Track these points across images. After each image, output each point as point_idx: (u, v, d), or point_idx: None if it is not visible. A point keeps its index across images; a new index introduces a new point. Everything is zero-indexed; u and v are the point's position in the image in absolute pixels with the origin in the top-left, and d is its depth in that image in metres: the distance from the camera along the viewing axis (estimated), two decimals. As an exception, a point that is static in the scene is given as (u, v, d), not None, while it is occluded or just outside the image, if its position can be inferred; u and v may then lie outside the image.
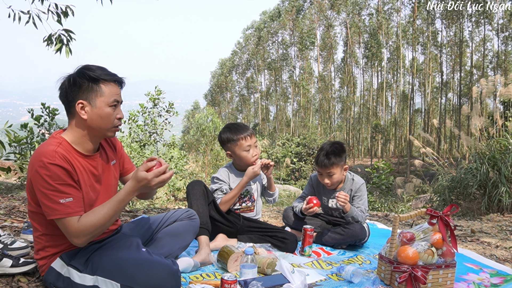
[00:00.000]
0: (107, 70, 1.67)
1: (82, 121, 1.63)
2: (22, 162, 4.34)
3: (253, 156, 2.59)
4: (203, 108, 35.46)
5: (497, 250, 3.01)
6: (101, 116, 1.63)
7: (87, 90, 1.61)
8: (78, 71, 1.63)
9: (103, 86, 1.62)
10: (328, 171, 2.66)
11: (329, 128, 45.09)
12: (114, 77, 1.67)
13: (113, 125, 1.68)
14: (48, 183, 1.50)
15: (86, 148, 1.68)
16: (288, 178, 24.53)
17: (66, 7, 4.83)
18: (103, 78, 1.63)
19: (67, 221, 1.53)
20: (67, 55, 4.88)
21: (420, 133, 23.10)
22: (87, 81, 1.61)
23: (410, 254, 1.91)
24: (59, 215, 1.52)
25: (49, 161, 1.51)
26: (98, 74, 1.62)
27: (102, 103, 1.62)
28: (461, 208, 5.01)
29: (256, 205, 2.79)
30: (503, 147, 5.00)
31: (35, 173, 1.52)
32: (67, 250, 1.67)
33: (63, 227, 1.55)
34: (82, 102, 1.61)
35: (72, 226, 1.53)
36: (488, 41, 38.49)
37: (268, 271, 2.06)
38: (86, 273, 1.59)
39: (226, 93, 56.51)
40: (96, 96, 1.61)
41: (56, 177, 1.51)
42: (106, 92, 1.62)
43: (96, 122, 1.63)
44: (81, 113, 1.61)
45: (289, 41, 49.88)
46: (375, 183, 8.43)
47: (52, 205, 1.51)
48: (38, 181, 1.52)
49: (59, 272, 1.63)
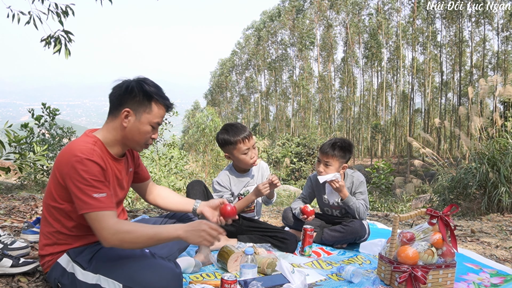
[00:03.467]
0: (162, 91, 1.72)
1: (121, 127, 1.68)
2: (22, 162, 4.34)
3: (251, 158, 2.56)
4: (203, 108, 35.51)
5: (497, 250, 3.01)
6: (139, 131, 1.68)
7: (138, 102, 1.66)
8: (137, 81, 1.68)
9: (154, 105, 1.68)
10: (327, 159, 2.68)
11: (329, 128, 45.08)
12: (165, 102, 1.72)
13: (145, 142, 1.73)
14: (84, 177, 1.52)
15: (115, 152, 1.73)
16: (288, 178, 24.51)
17: (66, 7, 4.83)
18: (156, 98, 1.68)
19: (100, 216, 1.53)
20: (66, 56, 4.87)
21: (420, 133, 23.14)
22: (142, 94, 1.66)
23: (410, 254, 1.91)
24: (92, 209, 1.53)
25: (86, 157, 1.55)
26: (154, 93, 1.67)
27: (146, 119, 1.67)
28: (461, 208, 5.01)
29: (257, 205, 2.79)
30: (502, 147, 5.00)
31: (71, 167, 1.53)
32: (74, 247, 1.67)
33: (96, 221, 1.53)
34: (129, 111, 1.66)
35: (106, 221, 1.53)
36: (488, 41, 38.53)
37: (268, 271, 2.06)
38: (89, 271, 1.59)
39: (226, 93, 56.52)
40: (144, 112, 1.67)
41: (91, 173, 1.54)
42: (154, 112, 1.68)
43: (132, 134, 1.68)
44: (123, 120, 1.66)
45: (289, 41, 49.87)
46: (375, 183, 8.44)
47: (86, 199, 1.52)
48: (73, 176, 1.53)
49: (64, 268, 1.63)
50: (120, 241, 1.54)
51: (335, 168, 2.69)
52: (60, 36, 4.84)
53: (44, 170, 7.06)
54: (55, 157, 7.49)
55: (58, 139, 7.86)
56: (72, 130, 8.38)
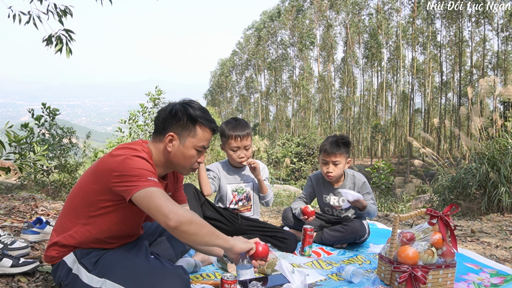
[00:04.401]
0: (208, 114, 1.70)
1: (165, 151, 1.67)
2: (22, 162, 4.34)
3: (239, 157, 2.59)
4: (203, 108, 35.59)
5: (497, 250, 3.01)
6: (184, 155, 1.67)
7: (182, 126, 1.65)
8: (182, 104, 1.67)
9: (198, 128, 1.66)
10: (335, 159, 2.68)
11: (329, 128, 45.09)
12: (211, 125, 1.69)
13: (191, 166, 1.71)
14: (138, 167, 1.50)
15: (159, 172, 1.71)
16: (288, 178, 24.50)
17: (65, 8, 4.83)
18: (201, 121, 1.66)
19: (160, 192, 1.46)
20: (67, 56, 4.88)
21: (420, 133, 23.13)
22: (187, 118, 1.64)
23: (410, 254, 1.91)
24: (150, 186, 1.45)
25: (143, 156, 1.56)
26: (198, 116, 1.65)
27: (191, 143, 1.66)
28: (461, 208, 5.01)
29: (253, 204, 2.79)
30: (502, 147, 5.00)
31: (126, 159, 1.51)
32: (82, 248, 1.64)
33: (153, 196, 1.44)
34: (173, 135, 1.65)
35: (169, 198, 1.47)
36: (488, 41, 38.54)
37: (268, 271, 2.06)
38: (94, 274, 1.56)
39: (226, 93, 56.52)
40: (188, 135, 1.65)
41: (146, 165, 1.53)
42: (199, 135, 1.66)
43: (177, 158, 1.67)
44: (168, 144, 1.65)
45: (289, 41, 49.88)
46: (375, 183, 8.43)
47: (140, 180, 1.47)
48: (127, 164, 1.49)
49: (70, 268, 1.61)
50: (191, 218, 1.44)
51: (343, 166, 2.71)
52: (61, 35, 4.85)
53: (44, 170, 7.05)
54: (55, 157, 7.49)
55: (58, 139, 7.85)
56: (72, 130, 8.37)
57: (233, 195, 2.73)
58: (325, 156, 2.72)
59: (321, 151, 2.78)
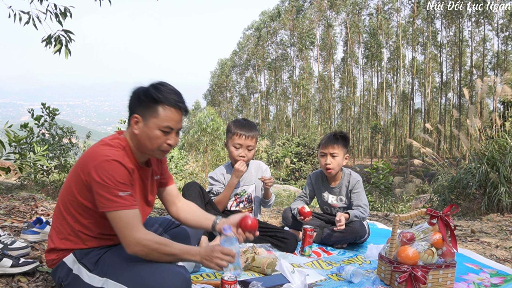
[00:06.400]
0: (174, 94, 1.65)
1: (134, 134, 1.66)
2: (22, 162, 4.34)
3: (239, 155, 2.61)
4: (203, 108, 35.56)
5: (497, 250, 3.01)
6: (149, 136, 1.64)
7: (145, 108, 1.63)
8: (145, 87, 1.65)
9: (160, 108, 1.62)
10: (333, 151, 2.70)
11: (329, 128, 45.08)
12: (176, 104, 1.65)
13: (159, 148, 1.67)
14: (111, 175, 1.52)
15: (140, 159, 1.72)
16: (288, 178, 24.51)
17: (64, 9, 4.83)
18: (163, 101, 1.62)
19: (126, 215, 1.52)
20: (66, 56, 4.87)
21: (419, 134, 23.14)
22: (148, 99, 1.62)
23: (410, 254, 1.91)
24: (116, 207, 1.51)
25: (115, 158, 1.55)
26: (161, 97, 1.62)
27: (154, 124, 1.63)
28: (461, 208, 5.01)
29: (254, 206, 2.78)
30: (502, 148, 5.00)
31: (98, 165, 1.53)
32: (82, 248, 1.65)
33: (120, 221, 1.52)
34: (137, 117, 1.64)
35: (134, 224, 1.52)
36: (488, 41, 38.54)
37: (268, 271, 2.06)
38: (95, 274, 1.57)
39: (226, 93, 56.52)
40: (151, 116, 1.63)
41: (118, 174, 1.54)
42: (161, 115, 1.62)
43: (144, 140, 1.65)
44: (133, 126, 1.65)
45: (289, 41, 49.89)
46: (374, 183, 8.43)
47: (110, 196, 1.51)
48: (100, 173, 1.52)
49: (70, 268, 1.61)
50: (148, 249, 1.53)
51: (341, 159, 2.72)
52: (60, 36, 4.85)
53: (44, 170, 7.05)
54: (55, 157, 7.49)
55: (58, 139, 7.85)
56: (72, 130, 8.37)
57: (235, 198, 2.73)
58: (323, 148, 2.76)
59: (319, 146, 2.82)
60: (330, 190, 2.86)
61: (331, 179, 2.86)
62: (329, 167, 2.71)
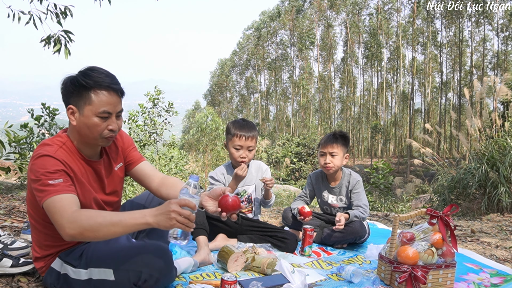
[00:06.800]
0: (106, 76, 1.55)
1: (73, 126, 1.58)
2: (22, 162, 4.34)
3: (240, 157, 2.58)
4: (203, 108, 35.56)
5: (497, 250, 3.01)
6: (87, 126, 1.54)
7: (77, 96, 1.53)
8: (73, 75, 1.55)
9: (92, 94, 1.52)
10: (332, 150, 2.70)
11: (329, 128, 45.09)
12: (109, 86, 1.53)
13: (102, 136, 1.57)
14: (42, 169, 1.46)
15: (88, 153, 1.63)
16: (288, 178, 24.52)
17: (65, 8, 4.83)
18: (93, 86, 1.51)
19: (57, 200, 1.41)
20: (66, 56, 4.87)
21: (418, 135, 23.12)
22: (78, 87, 1.52)
23: (410, 254, 1.91)
24: (48, 195, 1.42)
25: (45, 153, 1.49)
26: (90, 82, 1.51)
27: (90, 112, 1.53)
28: (461, 208, 5.01)
29: (254, 206, 2.78)
30: (501, 148, 5.00)
31: (31, 165, 1.49)
32: (65, 249, 1.65)
33: (52, 207, 1.41)
34: (72, 107, 1.55)
35: (63, 206, 1.41)
36: (488, 41, 38.55)
37: (268, 271, 2.06)
38: (80, 268, 1.57)
39: (226, 93, 56.52)
40: (85, 104, 1.52)
41: (48, 164, 1.47)
42: (95, 101, 1.52)
43: (84, 131, 1.56)
44: (70, 118, 1.56)
45: (289, 41, 49.90)
46: (374, 183, 8.43)
47: (42, 187, 1.44)
48: (34, 170, 1.47)
49: (58, 271, 1.62)
50: (80, 229, 1.37)
51: (341, 158, 2.72)
52: (60, 36, 4.84)
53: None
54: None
55: (58, 139, 7.85)
56: (72, 130, 8.36)
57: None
58: (322, 148, 2.76)
59: (319, 146, 2.82)
60: (330, 190, 2.86)
61: (331, 179, 2.86)
62: (328, 166, 2.72)
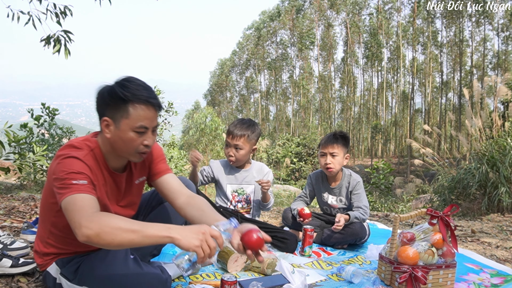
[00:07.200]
0: (144, 89, 1.48)
1: (106, 138, 1.52)
2: (22, 162, 4.34)
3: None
4: (203, 108, 35.59)
5: (498, 250, 3.00)
6: (123, 140, 1.49)
7: (113, 109, 1.47)
8: (110, 86, 1.49)
9: (131, 108, 1.45)
10: (332, 150, 2.69)
11: (329, 128, 45.10)
12: (148, 100, 1.47)
13: (137, 151, 1.53)
14: (67, 169, 1.40)
15: (114, 165, 1.60)
16: (288, 178, 24.52)
17: (64, 8, 4.83)
18: (131, 99, 1.45)
19: (76, 198, 1.33)
20: (65, 56, 4.88)
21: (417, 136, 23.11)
22: (115, 99, 1.45)
23: (410, 254, 1.91)
24: (68, 193, 1.34)
25: (73, 155, 1.43)
26: (129, 95, 1.44)
27: (126, 126, 1.47)
28: (461, 208, 5.01)
29: (252, 208, 2.77)
30: (502, 148, 4.99)
31: (57, 165, 1.43)
32: (63, 255, 1.62)
33: (70, 205, 1.32)
34: (107, 119, 1.49)
35: (85, 207, 1.31)
36: (488, 40, 38.55)
37: (268, 271, 2.06)
38: (74, 283, 1.54)
39: (226, 93, 56.53)
40: (122, 117, 1.46)
41: (74, 166, 1.41)
42: (132, 115, 1.46)
43: (118, 144, 1.51)
44: (105, 130, 1.51)
45: (289, 41, 49.91)
46: (374, 183, 8.44)
47: (65, 185, 1.37)
48: (58, 170, 1.41)
49: (54, 278, 1.63)
50: (98, 229, 1.25)
51: (341, 159, 2.71)
52: (59, 36, 4.84)
53: (44, 170, 7.05)
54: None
55: (58, 139, 7.86)
56: (71, 130, 8.38)
57: (232, 196, 2.72)
58: (323, 148, 2.75)
59: (319, 146, 2.82)
60: (330, 190, 2.86)
61: (331, 180, 2.85)
62: (329, 166, 2.71)
